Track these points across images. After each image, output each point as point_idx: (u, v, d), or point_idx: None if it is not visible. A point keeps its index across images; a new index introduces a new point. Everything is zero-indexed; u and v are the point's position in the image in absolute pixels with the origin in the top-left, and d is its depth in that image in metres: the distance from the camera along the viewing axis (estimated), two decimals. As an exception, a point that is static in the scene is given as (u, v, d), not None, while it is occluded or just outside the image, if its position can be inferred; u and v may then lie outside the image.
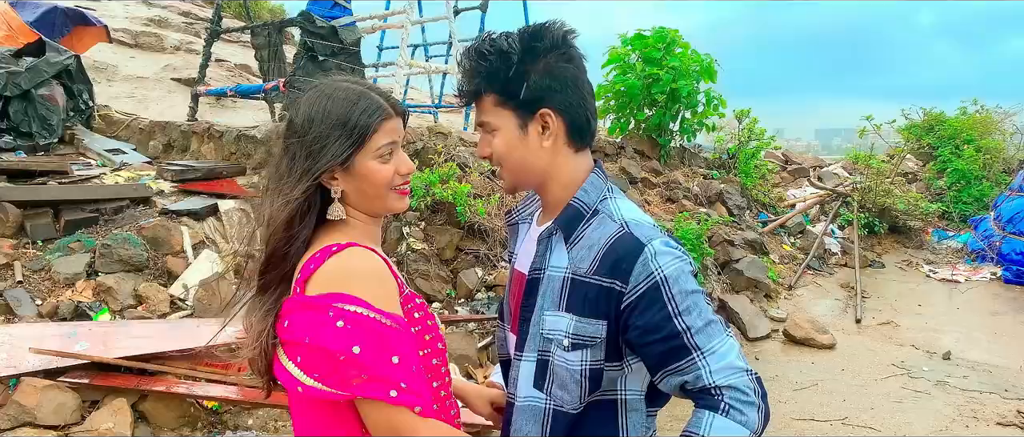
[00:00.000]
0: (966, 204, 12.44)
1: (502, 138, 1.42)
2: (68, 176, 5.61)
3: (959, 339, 6.60)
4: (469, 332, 5.07)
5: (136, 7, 12.33)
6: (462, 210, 5.54)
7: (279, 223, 1.29)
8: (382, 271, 1.28)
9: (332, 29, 6.51)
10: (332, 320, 1.18)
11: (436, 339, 1.40)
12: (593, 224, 1.41)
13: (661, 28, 8.94)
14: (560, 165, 1.44)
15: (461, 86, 1.45)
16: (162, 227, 4.87)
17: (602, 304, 1.33)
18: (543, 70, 1.38)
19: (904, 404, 5.11)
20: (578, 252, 1.39)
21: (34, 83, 6.52)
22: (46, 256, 4.56)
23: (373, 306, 1.20)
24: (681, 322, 1.29)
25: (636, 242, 1.33)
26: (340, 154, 1.29)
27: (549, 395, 1.39)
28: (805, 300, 7.72)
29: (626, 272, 1.31)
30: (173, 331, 4.18)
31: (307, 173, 1.30)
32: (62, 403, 3.52)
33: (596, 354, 1.35)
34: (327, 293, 1.21)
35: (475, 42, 1.43)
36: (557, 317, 1.38)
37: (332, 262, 1.25)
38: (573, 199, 1.43)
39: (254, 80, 9.43)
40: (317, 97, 1.34)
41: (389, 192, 1.36)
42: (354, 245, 1.29)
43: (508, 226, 1.70)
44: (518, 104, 1.39)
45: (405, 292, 1.34)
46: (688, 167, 9.81)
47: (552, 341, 1.38)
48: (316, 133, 1.30)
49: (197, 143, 6.86)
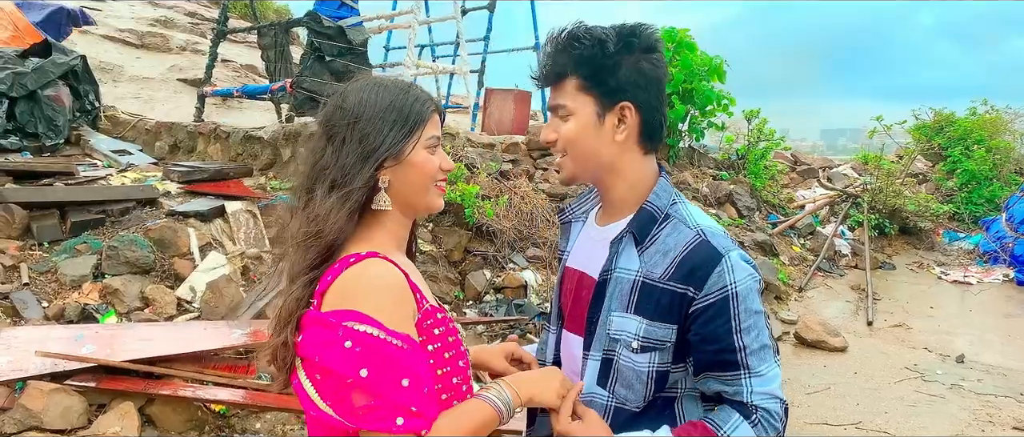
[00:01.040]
0: (977, 205, 12.33)
1: (576, 123, 1.42)
2: (74, 177, 5.59)
3: (972, 342, 6.52)
4: (478, 335, 5.02)
5: (142, 8, 12.32)
6: (470, 211, 5.49)
7: (341, 214, 1.24)
8: (399, 286, 1.22)
9: (339, 29, 6.47)
10: (341, 340, 1.13)
11: (458, 356, 1.33)
12: (666, 229, 1.42)
13: (670, 28, 8.88)
14: (628, 162, 1.46)
15: (543, 65, 1.45)
16: (169, 228, 4.83)
17: (674, 309, 1.36)
18: (633, 65, 1.40)
19: (918, 408, 5.04)
20: (651, 257, 1.40)
21: (40, 84, 6.50)
22: (52, 258, 4.53)
23: (384, 326, 1.15)
24: (739, 339, 1.33)
25: (714, 251, 1.36)
26: (397, 142, 1.27)
27: (612, 393, 1.43)
28: (816, 302, 7.64)
29: (701, 280, 1.34)
30: (180, 334, 4.14)
31: (367, 160, 1.26)
32: (68, 407, 3.48)
33: (664, 357, 1.39)
34: (339, 310, 1.16)
35: (566, 26, 1.44)
36: (625, 319, 1.40)
37: (348, 274, 1.20)
38: (645, 202, 1.44)
39: (260, 81, 9.40)
40: (366, 85, 1.33)
41: (432, 187, 1.35)
42: (374, 256, 1.23)
43: (561, 223, 1.70)
44: (602, 92, 1.40)
45: (425, 306, 1.28)
46: (697, 168, 9.75)
47: (618, 341, 1.41)
48: (370, 119, 1.28)
49: (203, 144, 6.83)
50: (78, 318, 4.13)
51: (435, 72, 8.47)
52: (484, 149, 6.42)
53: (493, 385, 1.32)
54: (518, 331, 5.04)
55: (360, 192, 1.26)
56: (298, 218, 1.30)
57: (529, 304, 5.27)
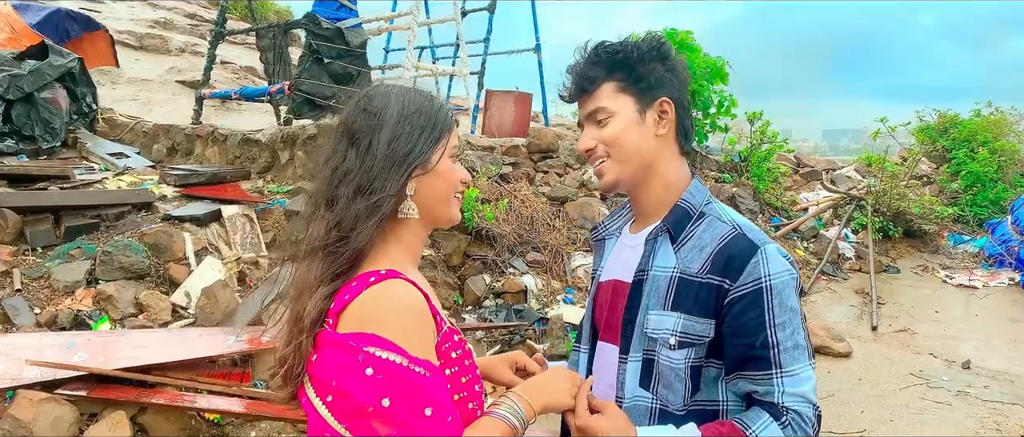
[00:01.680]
0: (982, 207, 12.23)
1: (619, 122, 1.44)
2: (70, 181, 5.53)
3: (978, 347, 6.43)
4: (477, 341, 4.95)
5: (141, 9, 12.29)
6: (469, 215, 5.42)
7: (370, 221, 1.19)
8: (421, 309, 1.17)
9: (338, 31, 6.42)
10: (362, 366, 1.08)
11: (473, 381, 1.28)
12: (702, 226, 1.43)
13: (672, 29, 8.81)
14: (667, 161, 1.48)
15: (575, 76, 1.48)
16: (164, 233, 4.78)
17: (711, 303, 1.34)
18: (667, 66, 1.46)
19: (924, 415, 4.96)
20: (687, 253, 1.40)
21: (37, 86, 6.46)
22: (46, 263, 4.47)
23: (407, 352, 1.09)
24: (773, 335, 1.30)
25: (750, 243, 1.35)
26: (426, 149, 1.24)
27: (655, 394, 1.41)
28: (819, 306, 7.56)
29: (737, 270, 1.33)
30: (174, 340, 4.08)
31: (398, 166, 1.22)
32: (59, 416, 3.42)
33: (700, 352, 1.37)
34: (359, 332, 1.10)
35: (591, 43, 1.50)
36: (663, 316, 1.39)
37: (369, 295, 1.14)
38: (680, 200, 1.46)
39: (260, 82, 9.35)
40: (392, 89, 1.29)
41: (453, 197, 1.32)
42: (396, 276, 1.17)
43: (595, 242, 1.72)
44: (640, 89, 1.44)
45: (444, 329, 1.23)
46: (699, 170, 9.68)
47: (656, 340, 1.40)
48: (399, 123, 1.24)
49: (201, 147, 6.78)
50: (71, 325, 4.07)
51: (435, 74, 8.40)
52: (484, 152, 6.36)
53: (504, 399, 1.28)
54: (517, 337, 4.97)
55: (391, 200, 1.21)
56: (319, 223, 1.24)
57: (529, 309, 5.20)
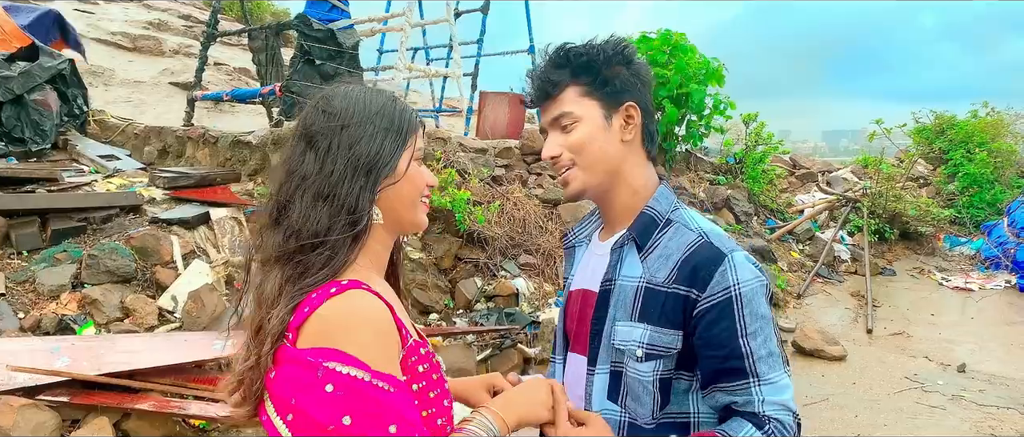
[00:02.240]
0: (979, 209, 12.21)
1: (585, 128, 1.40)
2: (58, 183, 5.48)
3: (974, 350, 6.40)
4: (467, 345, 4.91)
5: (136, 11, 12.24)
6: (461, 218, 5.38)
7: (348, 233, 1.14)
8: (385, 322, 1.11)
9: (329, 32, 6.37)
10: (321, 382, 1.01)
11: (442, 395, 1.22)
12: (668, 233, 1.39)
13: (666, 30, 8.77)
14: (633, 166, 1.44)
15: (539, 81, 1.43)
16: (151, 236, 4.73)
17: (678, 314, 1.31)
18: (631, 69, 1.43)
19: (919, 420, 4.92)
20: (653, 262, 1.37)
21: (27, 88, 6.40)
22: (31, 267, 4.43)
23: (370, 367, 1.03)
24: (746, 345, 1.27)
25: (717, 251, 1.32)
26: (392, 153, 1.19)
27: (624, 407, 1.38)
28: (814, 309, 7.53)
29: (704, 280, 1.29)
30: (160, 345, 4.04)
31: (360, 171, 1.16)
32: (41, 422, 3.38)
33: (668, 364, 1.33)
34: (319, 348, 1.04)
35: (553, 46, 1.45)
36: (630, 327, 1.36)
37: (329, 307, 1.07)
38: (646, 207, 1.43)
39: (253, 84, 9.31)
40: (353, 90, 1.24)
41: (420, 202, 1.27)
42: (357, 286, 1.11)
43: (565, 249, 1.68)
44: (606, 93, 1.40)
45: (409, 341, 1.17)
46: (694, 172, 9.64)
47: (624, 352, 1.36)
48: (360, 124, 1.18)
49: (192, 149, 6.73)
50: (55, 330, 4.02)
51: (428, 75, 8.37)
52: (476, 154, 6.31)
53: (475, 415, 1.22)
54: (508, 340, 4.93)
55: (364, 205, 1.16)
56: (276, 232, 1.18)
57: (520, 313, 5.16)
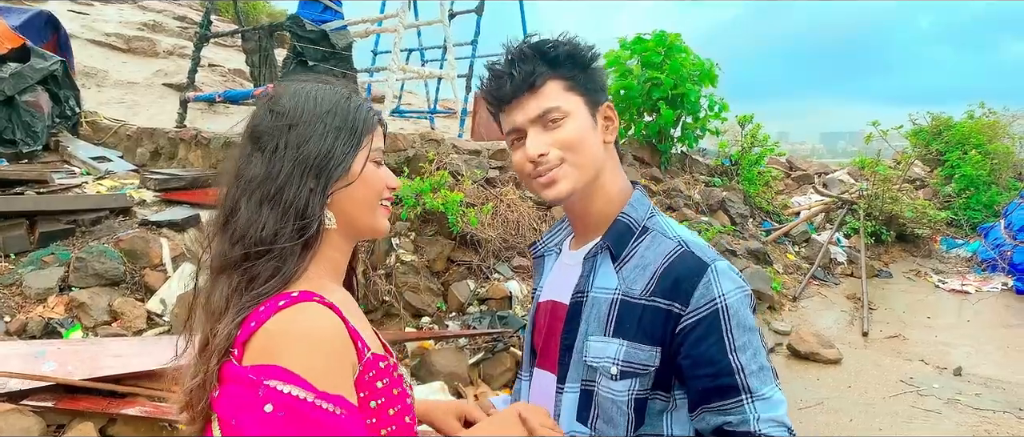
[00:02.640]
0: (975, 211, 12.19)
1: (575, 123, 1.29)
2: (47, 185, 5.43)
3: (970, 353, 6.37)
4: (459, 348, 4.87)
5: (131, 12, 12.19)
6: (454, 220, 5.34)
7: (297, 240, 1.08)
8: (336, 337, 1.04)
9: (322, 33, 6.34)
10: (261, 402, 0.95)
11: (404, 411, 1.15)
12: (644, 242, 1.31)
13: (661, 31, 8.74)
14: (610, 171, 1.36)
15: (521, 71, 1.28)
16: (140, 239, 4.69)
17: (658, 328, 1.22)
18: (602, 70, 1.36)
19: (914, 424, 4.89)
20: (630, 272, 1.28)
21: (18, 89, 6.36)
22: (18, 270, 4.38)
23: (314, 387, 0.97)
24: (736, 360, 1.19)
25: (699, 261, 1.24)
26: (343, 155, 1.13)
27: (594, 429, 1.29)
28: (810, 312, 7.50)
29: (687, 293, 1.21)
30: (148, 349, 3.99)
31: (313, 173, 1.11)
32: (25, 428, 3.33)
33: (644, 383, 1.24)
34: (262, 365, 0.98)
35: (515, 43, 1.34)
36: (604, 343, 1.27)
37: (276, 321, 1.01)
38: (620, 214, 1.34)
39: (248, 85, 9.26)
40: (303, 88, 1.18)
41: (379, 206, 1.21)
42: (309, 298, 1.05)
43: (534, 259, 1.59)
44: (588, 90, 1.32)
45: (367, 356, 1.10)
46: (689, 174, 9.60)
47: (597, 370, 1.27)
48: (309, 122, 1.12)
49: (184, 150, 6.69)
50: (41, 333, 3.98)
51: (422, 77, 8.34)
52: (470, 155, 6.28)
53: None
54: (501, 344, 4.89)
55: (313, 209, 1.10)
56: (221, 239, 1.13)
57: (513, 316, 5.12)
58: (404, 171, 5.70)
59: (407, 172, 5.68)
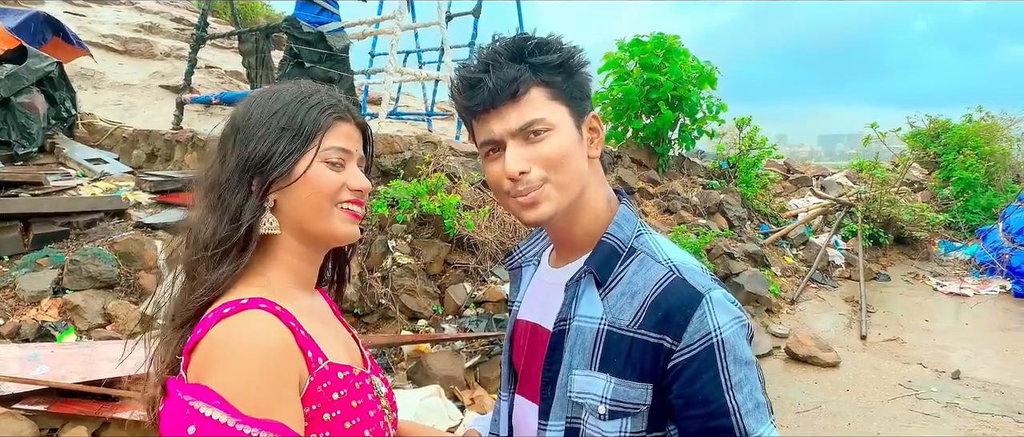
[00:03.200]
0: (973, 214, 12.20)
1: (560, 138, 1.16)
2: (42, 187, 5.41)
3: (969, 357, 6.36)
4: (456, 351, 4.84)
5: (127, 13, 12.16)
6: (451, 223, 5.32)
7: (215, 244, 1.06)
8: (274, 352, 0.99)
9: (319, 35, 6.32)
10: (186, 422, 0.93)
11: (365, 423, 1.11)
12: (632, 266, 1.19)
13: (660, 34, 8.74)
14: (596, 187, 1.24)
15: (499, 76, 1.14)
16: (135, 241, 4.66)
17: (648, 364, 1.11)
18: (586, 74, 1.22)
19: (912, 428, 4.87)
20: (617, 300, 1.17)
21: (13, 91, 6.34)
22: (12, 272, 4.36)
23: (237, 411, 0.94)
24: (732, 399, 1.09)
25: (692, 291, 1.12)
26: (285, 155, 1.08)
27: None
28: (808, 315, 7.48)
29: (680, 326, 1.10)
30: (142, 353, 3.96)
31: (246, 172, 1.08)
32: (17, 432, 3.31)
33: (638, 424, 1.14)
34: (193, 384, 0.97)
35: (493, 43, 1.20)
36: (590, 378, 1.16)
37: (215, 333, 0.99)
38: (605, 235, 1.21)
39: (244, 87, 9.24)
40: (262, 92, 1.16)
41: (334, 209, 1.13)
42: (256, 306, 1.02)
43: (510, 270, 1.47)
44: (574, 99, 1.19)
45: (320, 366, 1.06)
46: (687, 177, 9.59)
47: (583, 407, 1.16)
48: (253, 125, 1.10)
49: (181, 152, 6.67)
50: (34, 336, 3.95)
51: (419, 78, 8.31)
52: (467, 158, 6.26)
53: None
54: (497, 347, 4.87)
55: (248, 215, 1.07)
56: (183, 244, 1.13)
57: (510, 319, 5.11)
58: (400, 173, 5.67)
59: (403, 174, 5.66)
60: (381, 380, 1.28)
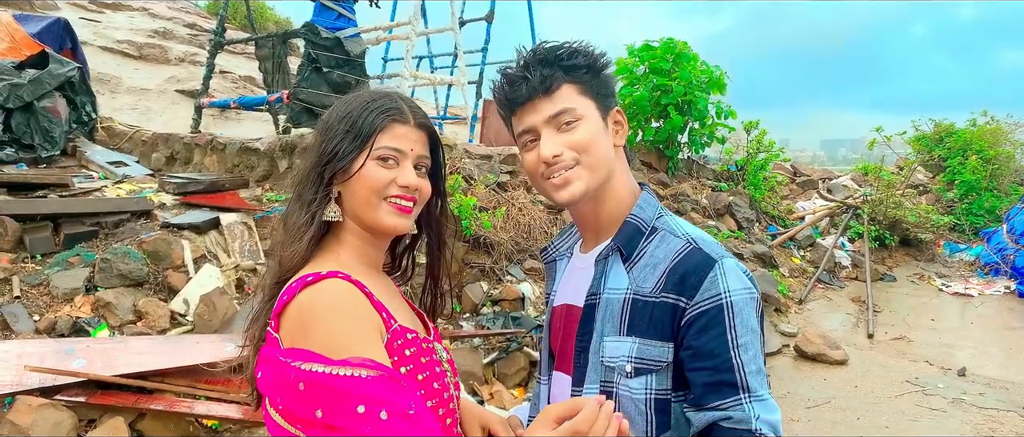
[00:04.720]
0: (978, 216, 12.29)
1: (589, 126, 1.34)
2: (68, 189, 5.55)
3: (974, 355, 6.46)
4: (474, 348, 4.96)
5: (141, 19, 12.33)
6: (467, 223, 5.45)
7: (300, 223, 1.24)
8: (354, 304, 1.15)
9: (337, 40, 6.46)
10: (294, 382, 1.08)
11: (433, 377, 1.24)
12: (654, 241, 1.34)
13: (669, 39, 8.86)
14: (620, 173, 1.40)
15: (536, 75, 1.32)
16: (162, 241, 4.79)
17: (667, 323, 1.24)
18: (612, 76, 1.41)
19: (920, 423, 4.98)
20: (640, 272, 1.31)
21: (36, 95, 6.49)
22: (45, 271, 4.48)
23: (329, 358, 1.07)
24: (737, 356, 1.20)
25: (706, 257, 1.26)
26: (346, 153, 1.24)
27: None
28: (816, 314, 7.59)
29: (693, 287, 1.23)
30: (173, 347, 4.09)
31: (318, 171, 1.26)
32: (58, 422, 3.43)
33: (661, 382, 1.25)
34: (290, 348, 1.12)
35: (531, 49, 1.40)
36: (619, 342, 1.28)
37: (301, 298, 1.14)
38: (630, 215, 1.37)
39: (259, 92, 9.39)
40: (343, 98, 1.33)
41: (381, 202, 1.25)
42: (334, 276, 1.17)
43: (545, 264, 1.61)
44: (601, 95, 1.37)
45: (394, 326, 1.21)
46: (696, 179, 9.71)
47: (614, 370, 1.28)
48: (329, 129, 1.28)
49: (200, 155, 6.80)
50: (69, 332, 4.08)
51: (432, 83, 8.46)
52: (482, 160, 6.39)
53: None
54: (515, 344, 4.99)
55: (317, 203, 1.25)
56: (279, 229, 1.31)
57: (526, 316, 5.22)
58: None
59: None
60: (443, 347, 1.41)
